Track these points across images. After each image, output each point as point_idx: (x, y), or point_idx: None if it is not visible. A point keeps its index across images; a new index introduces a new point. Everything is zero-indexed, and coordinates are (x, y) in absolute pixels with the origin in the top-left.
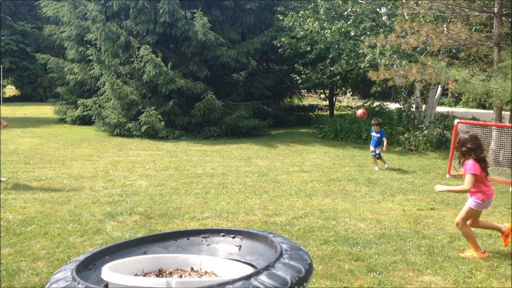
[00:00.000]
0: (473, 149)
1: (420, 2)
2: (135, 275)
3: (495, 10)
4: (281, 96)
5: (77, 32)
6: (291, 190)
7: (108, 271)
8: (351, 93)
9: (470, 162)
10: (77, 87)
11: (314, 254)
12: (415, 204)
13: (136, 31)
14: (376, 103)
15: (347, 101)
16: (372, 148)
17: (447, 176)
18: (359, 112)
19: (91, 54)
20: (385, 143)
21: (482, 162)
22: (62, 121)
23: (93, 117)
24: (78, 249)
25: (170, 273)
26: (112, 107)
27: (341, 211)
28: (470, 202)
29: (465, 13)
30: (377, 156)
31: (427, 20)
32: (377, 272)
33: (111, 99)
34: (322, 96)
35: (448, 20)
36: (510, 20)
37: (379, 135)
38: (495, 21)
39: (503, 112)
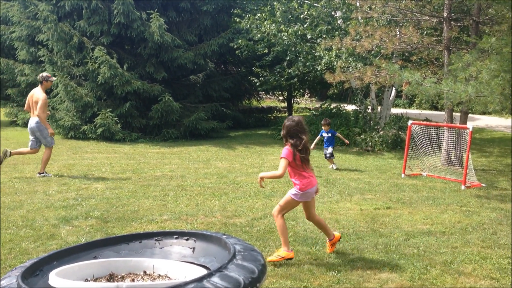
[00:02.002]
0: (288, 135)
1: (374, 6)
2: (85, 280)
3: (445, 15)
4: (240, 98)
5: (28, 33)
6: (251, 191)
7: (56, 277)
8: (309, 95)
9: (285, 148)
10: (29, 89)
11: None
12: (372, 204)
13: (90, 32)
14: (333, 105)
15: (305, 102)
16: (325, 150)
17: (403, 175)
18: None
19: (43, 55)
20: (341, 136)
21: (299, 150)
22: (13, 123)
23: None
24: (31, 255)
25: (122, 277)
26: (66, 109)
27: (300, 211)
28: (291, 191)
29: (416, 17)
30: (330, 156)
31: (381, 24)
32: (336, 271)
33: (65, 101)
34: (280, 98)
35: (401, 24)
36: (459, 24)
37: (330, 134)
38: (444, 26)
39: (454, 113)
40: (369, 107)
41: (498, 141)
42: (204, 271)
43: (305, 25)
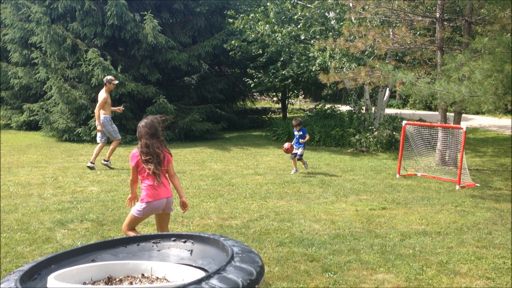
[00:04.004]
0: (138, 137)
1: (367, 7)
2: (83, 284)
3: (437, 15)
4: (234, 99)
5: (21, 35)
6: (246, 193)
7: (54, 280)
8: (303, 95)
9: (133, 151)
10: (23, 92)
11: (270, 256)
12: (367, 204)
13: (83, 34)
14: (327, 106)
15: (299, 103)
16: (294, 149)
17: (397, 176)
18: (285, 146)
19: (36, 57)
20: (306, 138)
21: (143, 153)
22: (7, 126)
23: (40, 122)
24: (27, 259)
25: (120, 280)
26: (60, 112)
27: (296, 212)
28: (135, 206)
29: (409, 18)
30: (297, 158)
31: (374, 25)
32: (332, 272)
33: (58, 103)
34: (275, 99)
35: (394, 25)
36: (451, 25)
37: (301, 132)
38: (437, 26)
39: (447, 113)
40: (363, 108)
41: (491, 141)
42: (202, 273)
43: (299, 26)
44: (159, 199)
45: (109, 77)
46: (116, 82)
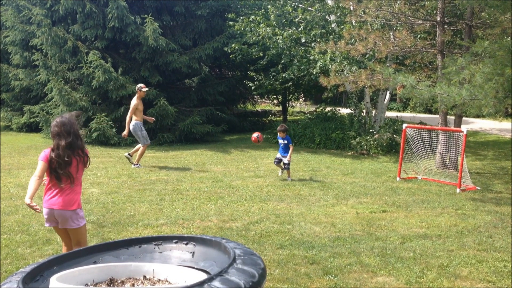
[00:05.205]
0: (52, 136)
1: (367, 10)
2: (85, 285)
3: (438, 19)
4: (235, 102)
5: (22, 37)
6: (246, 195)
7: (56, 282)
8: (303, 98)
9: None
10: (23, 93)
11: (270, 258)
12: (367, 207)
13: (84, 36)
14: (328, 108)
15: (300, 106)
16: (279, 155)
17: (398, 179)
18: (254, 136)
19: (37, 59)
20: (290, 150)
21: (53, 157)
22: (7, 128)
23: (40, 124)
24: (27, 260)
25: (122, 282)
26: (60, 114)
27: (296, 215)
28: None
29: (410, 21)
30: (285, 167)
31: (374, 28)
32: (333, 275)
33: (59, 105)
34: (275, 101)
35: (394, 28)
36: (452, 28)
37: (286, 141)
38: (438, 29)
39: (448, 116)
40: (364, 111)
41: (492, 144)
42: (204, 276)
43: (300, 29)
44: (51, 207)
45: (139, 85)
46: (146, 89)
